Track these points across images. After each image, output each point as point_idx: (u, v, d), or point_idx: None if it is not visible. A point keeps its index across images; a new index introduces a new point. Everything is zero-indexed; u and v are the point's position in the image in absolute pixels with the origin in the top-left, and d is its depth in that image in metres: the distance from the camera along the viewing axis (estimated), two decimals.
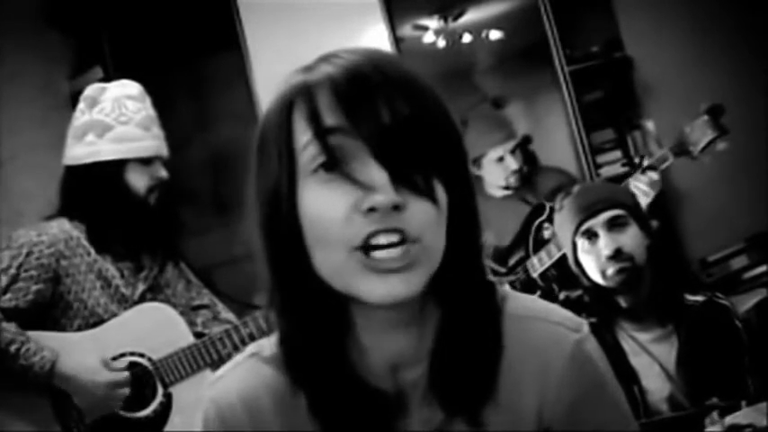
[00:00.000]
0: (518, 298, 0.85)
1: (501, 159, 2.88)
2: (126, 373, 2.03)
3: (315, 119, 0.73)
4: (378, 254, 0.72)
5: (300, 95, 0.75)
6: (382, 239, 0.72)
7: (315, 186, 0.73)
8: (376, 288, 0.73)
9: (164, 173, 2.15)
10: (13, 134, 3.46)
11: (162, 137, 2.18)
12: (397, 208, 0.71)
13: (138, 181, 2.10)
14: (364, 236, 0.72)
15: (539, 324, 0.81)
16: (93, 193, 2.08)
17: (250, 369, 0.84)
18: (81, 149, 2.09)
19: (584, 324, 0.83)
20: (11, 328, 1.94)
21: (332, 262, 0.74)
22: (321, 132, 0.72)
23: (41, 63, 3.75)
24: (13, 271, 1.98)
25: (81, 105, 2.14)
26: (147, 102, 2.18)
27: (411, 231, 0.72)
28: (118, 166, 2.08)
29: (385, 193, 0.70)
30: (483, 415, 0.78)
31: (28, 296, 1.98)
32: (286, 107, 0.76)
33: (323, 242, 0.73)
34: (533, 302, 0.85)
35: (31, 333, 1.97)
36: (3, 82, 3.51)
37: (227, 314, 2.26)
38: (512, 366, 0.79)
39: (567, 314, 0.84)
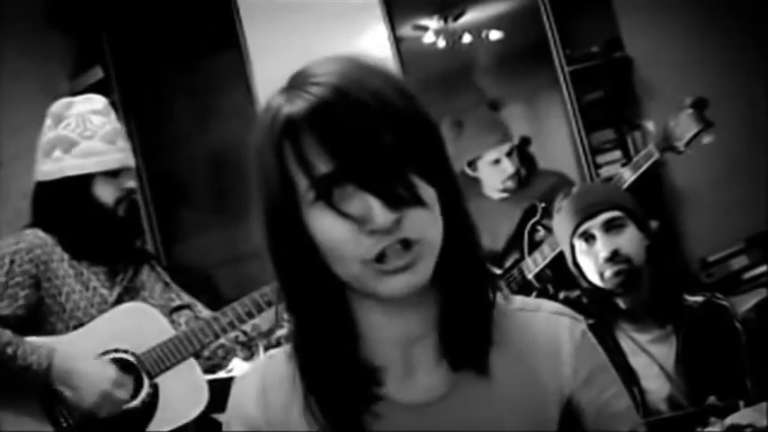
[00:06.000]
0: (525, 299, 0.97)
1: (497, 162, 2.87)
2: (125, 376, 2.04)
3: (307, 170, 0.80)
4: (389, 261, 0.81)
5: (287, 137, 0.82)
6: (390, 253, 0.81)
7: (318, 213, 0.82)
8: (391, 285, 0.82)
9: (132, 183, 2.20)
10: (14, 134, 3.46)
11: (128, 149, 2.23)
12: (395, 222, 0.80)
13: (106, 193, 2.15)
14: (375, 253, 0.81)
15: (547, 315, 0.94)
16: (62, 207, 2.14)
17: (267, 365, 0.95)
18: (49, 165, 2.15)
19: (582, 318, 0.96)
20: (6, 332, 1.96)
21: (348, 271, 0.83)
22: (316, 183, 0.81)
23: (42, 63, 3.76)
24: (2, 279, 2.01)
25: (48, 122, 2.20)
26: (112, 115, 2.23)
27: (413, 236, 0.81)
28: (85, 181, 2.13)
29: (383, 217, 0.79)
30: (491, 370, 0.89)
31: (19, 301, 2.02)
32: (276, 145, 0.82)
33: (337, 257, 0.82)
34: (538, 301, 0.97)
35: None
36: (3, 82, 3.51)
37: (207, 312, 2.29)
38: (525, 351, 0.91)
39: (569, 309, 0.96)
